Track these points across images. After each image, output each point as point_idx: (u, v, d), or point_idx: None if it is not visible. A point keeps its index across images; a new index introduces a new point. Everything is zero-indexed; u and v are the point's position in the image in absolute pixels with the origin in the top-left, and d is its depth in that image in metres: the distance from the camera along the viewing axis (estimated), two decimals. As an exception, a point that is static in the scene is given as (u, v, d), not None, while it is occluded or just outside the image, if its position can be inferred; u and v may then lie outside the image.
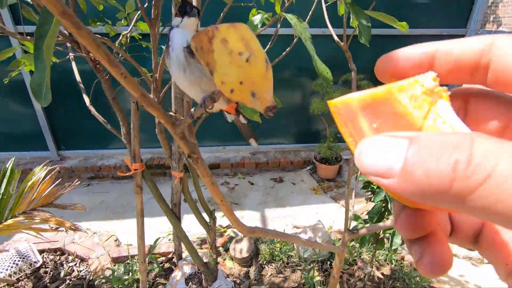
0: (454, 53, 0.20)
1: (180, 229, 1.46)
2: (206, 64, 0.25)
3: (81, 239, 2.20)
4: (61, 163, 3.06)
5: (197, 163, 0.52)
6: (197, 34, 0.25)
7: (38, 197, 1.58)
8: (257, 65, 0.25)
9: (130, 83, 0.36)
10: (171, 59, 0.44)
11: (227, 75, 0.24)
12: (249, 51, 0.24)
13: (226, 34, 0.24)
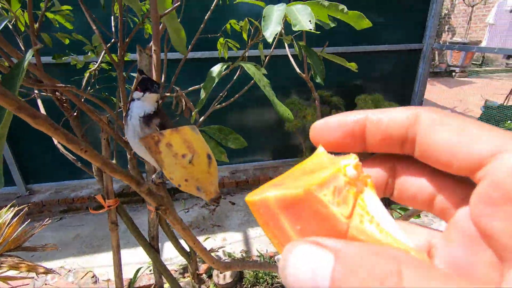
0: (383, 123, 0.20)
1: (160, 263, 1.43)
2: (156, 161, 0.27)
3: (54, 280, 2.08)
4: (30, 198, 2.90)
5: (166, 213, 0.54)
6: (145, 138, 0.27)
7: (5, 241, 1.49)
8: (200, 164, 0.27)
9: (92, 156, 0.37)
10: (128, 127, 0.47)
11: (174, 173, 0.27)
12: (191, 153, 0.27)
13: (170, 139, 0.26)
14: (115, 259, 1.35)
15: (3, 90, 0.27)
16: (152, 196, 0.49)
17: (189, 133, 0.27)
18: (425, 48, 3.23)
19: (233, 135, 0.68)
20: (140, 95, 0.46)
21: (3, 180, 0.41)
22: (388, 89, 3.43)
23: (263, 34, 0.52)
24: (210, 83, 0.57)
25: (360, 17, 0.50)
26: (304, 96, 3.24)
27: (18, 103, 0.29)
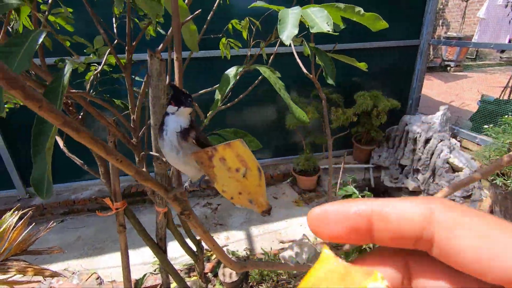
0: (392, 220, 0.18)
1: (167, 263, 1.44)
2: (207, 174, 0.28)
3: (59, 282, 2.07)
4: (31, 201, 2.89)
5: (189, 218, 0.54)
6: (198, 153, 0.28)
7: (10, 246, 1.49)
8: (252, 177, 0.28)
9: (126, 166, 0.38)
10: (165, 141, 0.47)
11: (227, 186, 0.28)
12: (244, 167, 0.28)
13: (223, 154, 0.27)
14: (123, 261, 1.36)
15: (51, 106, 0.28)
16: (178, 202, 0.50)
17: (240, 148, 0.28)
18: (422, 44, 3.26)
19: (248, 137, 0.69)
20: (175, 110, 0.46)
21: (51, 190, 0.41)
22: (386, 85, 3.46)
23: (279, 36, 0.52)
24: (225, 85, 0.57)
25: (377, 18, 0.51)
26: (303, 93, 3.25)
27: (63, 118, 0.30)
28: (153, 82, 0.86)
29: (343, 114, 2.86)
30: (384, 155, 3.22)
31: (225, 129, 0.68)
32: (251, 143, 0.69)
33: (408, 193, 2.93)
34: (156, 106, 0.91)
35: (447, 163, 2.62)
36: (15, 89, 0.25)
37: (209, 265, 2.06)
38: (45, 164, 0.39)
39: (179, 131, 0.46)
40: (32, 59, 0.41)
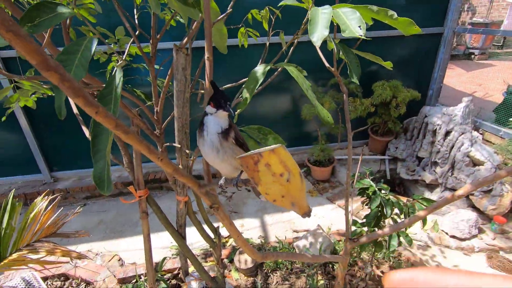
0: None
1: (187, 249, 1.50)
2: (252, 178, 0.30)
3: (84, 263, 2.20)
4: (55, 185, 3.03)
5: (217, 211, 0.57)
6: (244, 157, 0.29)
7: (41, 228, 1.58)
8: (295, 182, 0.30)
9: (166, 164, 0.40)
10: (206, 141, 0.49)
11: (271, 189, 0.29)
12: (288, 171, 0.29)
13: (268, 159, 0.29)
14: (146, 245, 1.42)
15: (105, 112, 0.30)
16: (208, 196, 0.52)
17: (283, 153, 0.29)
18: (446, 32, 3.12)
19: (271, 134, 0.70)
20: (213, 111, 0.48)
21: (111, 186, 0.44)
22: (406, 75, 3.35)
23: (310, 37, 0.52)
24: (253, 83, 0.58)
25: (410, 24, 0.50)
26: (320, 82, 3.20)
27: (116, 122, 0.32)
28: (178, 76, 0.88)
29: (361, 105, 2.81)
30: (401, 147, 3.17)
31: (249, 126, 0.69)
32: (275, 140, 0.70)
33: (425, 186, 2.89)
34: (180, 99, 0.93)
35: (468, 156, 2.55)
36: (78, 97, 0.27)
37: (225, 251, 2.13)
38: (104, 163, 0.42)
39: (220, 132, 0.48)
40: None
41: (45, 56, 0.24)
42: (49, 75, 0.25)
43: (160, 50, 2.59)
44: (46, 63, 0.24)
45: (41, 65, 0.24)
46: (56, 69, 0.25)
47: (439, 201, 1.01)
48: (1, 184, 3.06)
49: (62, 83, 0.25)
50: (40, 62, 0.24)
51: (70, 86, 0.26)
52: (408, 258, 2.06)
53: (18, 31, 0.22)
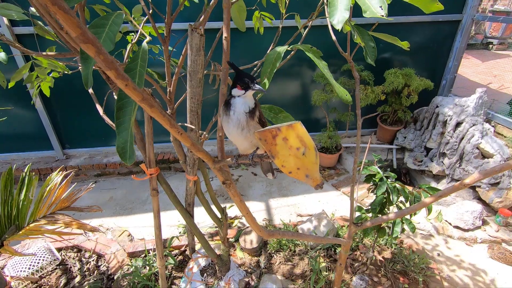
0: None
1: (195, 227, 1.56)
2: (269, 151, 0.32)
3: (95, 236, 2.29)
4: (67, 162, 3.12)
5: (229, 187, 0.60)
6: (263, 131, 0.31)
7: (56, 201, 1.65)
8: (310, 156, 0.31)
9: (184, 138, 0.42)
10: (232, 120, 0.52)
11: (287, 162, 0.31)
12: (304, 146, 0.31)
13: (286, 134, 0.30)
14: (155, 222, 1.48)
15: (134, 85, 0.32)
16: (221, 172, 0.55)
17: (300, 129, 0.31)
18: (464, 20, 3.01)
19: (282, 113, 0.71)
20: (242, 93, 0.50)
21: (134, 156, 0.47)
22: (419, 63, 3.28)
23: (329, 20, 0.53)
24: (269, 67, 0.59)
25: (431, 0, 0.50)
26: (331, 68, 3.16)
27: (143, 95, 0.34)
28: (192, 56, 0.89)
29: (372, 92, 2.78)
30: (410, 137, 3.14)
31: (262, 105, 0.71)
32: (286, 119, 0.72)
33: (432, 177, 2.89)
34: (194, 79, 0.94)
35: (477, 148, 2.53)
36: (111, 69, 0.29)
37: (231, 231, 2.19)
38: (127, 134, 0.45)
39: (248, 112, 0.50)
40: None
41: (85, 29, 0.26)
42: (86, 47, 0.27)
43: (174, 30, 2.58)
44: (85, 35, 0.26)
45: (81, 38, 0.26)
46: (93, 42, 0.27)
47: (446, 189, 1.02)
48: (15, 159, 3.16)
49: (98, 55, 0.27)
50: (80, 34, 0.26)
51: (105, 59, 0.28)
52: (410, 246, 2.09)
53: (62, 4, 0.24)
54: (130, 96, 0.33)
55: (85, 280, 1.94)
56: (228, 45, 0.51)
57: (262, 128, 0.51)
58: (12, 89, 2.20)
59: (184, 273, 1.80)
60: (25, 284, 1.90)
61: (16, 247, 2.18)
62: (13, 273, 1.89)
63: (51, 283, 1.92)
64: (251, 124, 0.50)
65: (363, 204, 2.61)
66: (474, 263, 2.05)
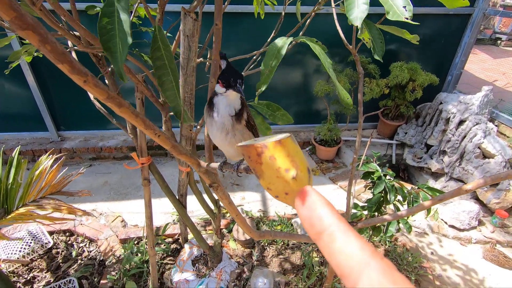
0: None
1: (187, 217, 1.53)
2: (253, 169, 0.27)
3: (88, 221, 2.28)
4: (62, 144, 3.07)
5: (217, 190, 0.55)
6: (246, 147, 0.26)
7: (47, 185, 1.62)
8: (302, 180, 0.27)
9: (163, 140, 0.37)
10: (216, 123, 0.46)
11: (274, 184, 0.26)
12: (295, 168, 0.26)
13: (273, 152, 0.25)
14: (147, 212, 1.45)
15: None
16: (208, 175, 0.50)
17: (291, 146, 0.26)
18: (475, 13, 2.90)
19: (280, 111, 0.66)
20: (223, 91, 0.44)
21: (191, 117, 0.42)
22: (425, 56, 3.18)
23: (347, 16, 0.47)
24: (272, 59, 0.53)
25: None
26: (336, 59, 3.07)
27: (108, 93, 0.29)
28: (184, 42, 0.82)
29: (377, 86, 2.71)
30: (411, 133, 3.09)
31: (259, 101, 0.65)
32: (283, 117, 0.67)
33: (430, 174, 2.86)
34: (187, 68, 0.88)
35: (479, 148, 2.49)
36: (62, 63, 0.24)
37: (224, 221, 2.17)
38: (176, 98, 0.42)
39: (233, 115, 0.44)
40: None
41: (20, 11, 0.20)
42: (26, 34, 0.21)
43: (168, 12, 2.47)
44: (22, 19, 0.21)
45: (16, 22, 0.21)
46: (34, 28, 0.21)
47: (446, 194, 0.98)
48: (9, 139, 3.11)
49: (43, 45, 0.22)
50: (15, 18, 0.20)
51: (52, 49, 0.23)
52: (404, 244, 2.08)
53: None
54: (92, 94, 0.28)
55: (76, 264, 1.93)
56: (219, 34, 0.45)
57: (249, 132, 0.46)
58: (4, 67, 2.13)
59: (176, 262, 1.79)
60: (15, 266, 1.89)
61: (7, 229, 2.16)
62: (4, 256, 1.88)
63: (42, 267, 1.91)
64: (237, 128, 0.45)
65: (359, 199, 2.59)
66: (467, 263, 2.04)
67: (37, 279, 1.83)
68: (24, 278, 1.83)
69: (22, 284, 1.79)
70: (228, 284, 1.68)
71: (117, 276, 1.78)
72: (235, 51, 2.78)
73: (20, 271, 1.87)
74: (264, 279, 1.65)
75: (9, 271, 1.85)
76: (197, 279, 1.66)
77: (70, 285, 1.74)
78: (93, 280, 1.81)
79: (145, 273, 1.79)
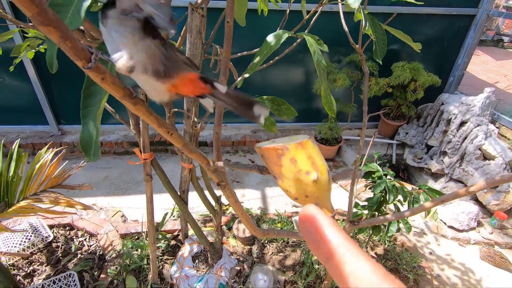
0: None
1: (188, 213, 1.53)
2: (271, 171, 0.26)
3: (88, 215, 2.28)
4: (62, 138, 3.06)
5: (225, 188, 0.55)
6: (267, 149, 0.26)
7: (47, 179, 1.61)
8: (322, 182, 0.26)
9: (175, 139, 0.37)
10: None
11: (293, 187, 0.26)
12: (315, 170, 0.26)
13: (294, 154, 0.25)
14: (148, 207, 1.45)
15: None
16: (216, 173, 0.50)
17: (312, 148, 0.26)
18: (479, 14, 2.89)
19: (285, 105, 0.66)
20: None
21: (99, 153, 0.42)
22: (428, 57, 3.18)
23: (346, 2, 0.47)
24: (266, 49, 0.53)
25: None
26: (336, 57, 3.06)
27: (124, 91, 0.29)
28: (191, 38, 0.82)
29: (376, 84, 2.70)
30: (411, 133, 3.10)
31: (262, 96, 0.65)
32: (287, 111, 0.67)
33: (430, 175, 2.87)
34: (192, 64, 0.88)
35: (479, 149, 2.49)
36: (81, 60, 0.24)
37: (224, 218, 2.18)
38: (93, 127, 0.39)
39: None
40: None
41: (42, 7, 0.20)
42: (47, 31, 0.21)
43: (173, 7, 2.46)
44: (45, 15, 0.20)
45: (38, 18, 0.20)
46: (56, 24, 0.21)
47: (448, 194, 0.98)
48: (10, 132, 3.10)
49: (64, 42, 0.22)
50: (37, 14, 0.20)
51: (73, 46, 0.22)
52: (403, 243, 2.09)
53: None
54: (109, 92, 0.27)
55: (75, 258, 1.93)
56: (231, 31, 0.45)
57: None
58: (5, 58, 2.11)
59: (176, 258, 1.79)
60: (16, 259, 1.89)
61: (8, 221, 2.16)
62: (4, 249, 1.88)
63: (42, 260, 1.92)
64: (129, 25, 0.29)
65: (359, 198, 2.60)
66: (464, 263, 2.06)
67: (37, 272, 1.84)
68: (24, 271, 1.83)
69: (22, 277, 1.79)
70: (228, 281, 1.69)
71: (117, 271, 1.78)
72: (238, 47, 2.77)
73: (20, 264, 1.87)
74: (263, 276, 1.66)
75: (9, 264, 1.85)
76: (197, 275, 1.67)
77: (70, 279, 1.75)
78: (93, 274, 1.81)
79: (145, 268, 1.79)
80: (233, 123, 3.38)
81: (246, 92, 0.79)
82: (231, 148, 3.25)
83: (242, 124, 3.38)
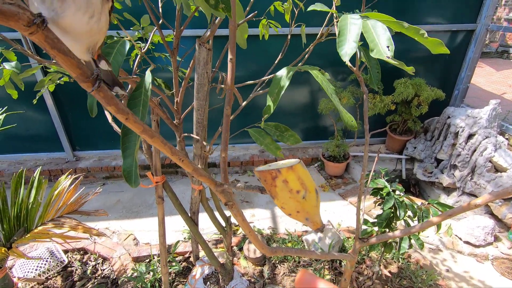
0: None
1: (199, 235, 1.55)
2: (269, 191, 0.31)
3: (101, 239, 2.32)
4: (77, 164, 3.17)
5: (232, 208, 0.59)
6: (263, 172, 0.31)
7: (64, 205, 1.68)
8: (311, 199, 0.31)
9: (186, 164, 0.42)
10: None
11: (287, 204, 0.31)
12: (304, 189, 0.30)
13: (286, 176, 0.30)
14: (160, 229, 1.49)
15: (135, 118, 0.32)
16: (224, 194, 0.54)
17: (301, 170, 0.31)
18: (478, 29, 2.96)
19: (288, 132, 0.71)
20: None
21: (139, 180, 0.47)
22: (430, 72, 3.23)
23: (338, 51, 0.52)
24: (277, 88, 0.58)
25: (439, 44, 0.50)
26: (339, 76, 3.14)
27: (143, 127, 0.34)
28: (199, 69, 0.89)
29: (381, 102, 2.75)
30: (420, 147, 3.09)
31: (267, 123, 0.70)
32: (291, 138, 0.71)
33: (442, 189, 2.82)
34: (200, 92, 0.95)
35: (490, 161, 2.46)
36: (111, 105, 0.29)
37: (235, 239, 2.18)
38: (132, 159, 0.45)
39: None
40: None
41: (83, 69, 0.26)
42: (86, 86, 0.27)
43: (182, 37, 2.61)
44: (85, 75, 0.26)
45: (80, 78, 0.26)
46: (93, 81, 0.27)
47: (455, 209, 0.99)
48: (27, 160, 3.23)
49: (98, 93, 0.27)
50: (80, 74, 0.26)
51: (105, 96, 0.28)
52: (418, 260, 2.04)
53: (62, 47, 0.24)
54: (131, 128, 0.33)
55: (89, 283, 1.96)
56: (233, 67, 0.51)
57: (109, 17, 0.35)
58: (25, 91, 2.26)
59: (188, 280, 1.80)
60: (31, 285, 1.93)
61: (24, 247, 2.22)
62: (21, 274, 1.93)
63: (57, 285, 1.95)
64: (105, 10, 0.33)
65: (370, 215, 2.57)
66: (484, 280, 1.98)
67: (52, 298, 1.86)
68: (39, 297, 1.86)
69: (37, 303, 1.82)
70: (240, 303, 1.68)
71: (130, 295, 1.79)
72: (242, 71, 2.88)
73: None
74: (275, 297, 1.64)
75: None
76: (208, 298, 1.66)
77: (84, 304, 1.76)
78: (106, 299, 1.82)
79: (157, 291, 1.80)
80: (242, 144, 3.44)
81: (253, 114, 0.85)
82: (240, 168, 3.29)
83: (250, 145, 3.44)
